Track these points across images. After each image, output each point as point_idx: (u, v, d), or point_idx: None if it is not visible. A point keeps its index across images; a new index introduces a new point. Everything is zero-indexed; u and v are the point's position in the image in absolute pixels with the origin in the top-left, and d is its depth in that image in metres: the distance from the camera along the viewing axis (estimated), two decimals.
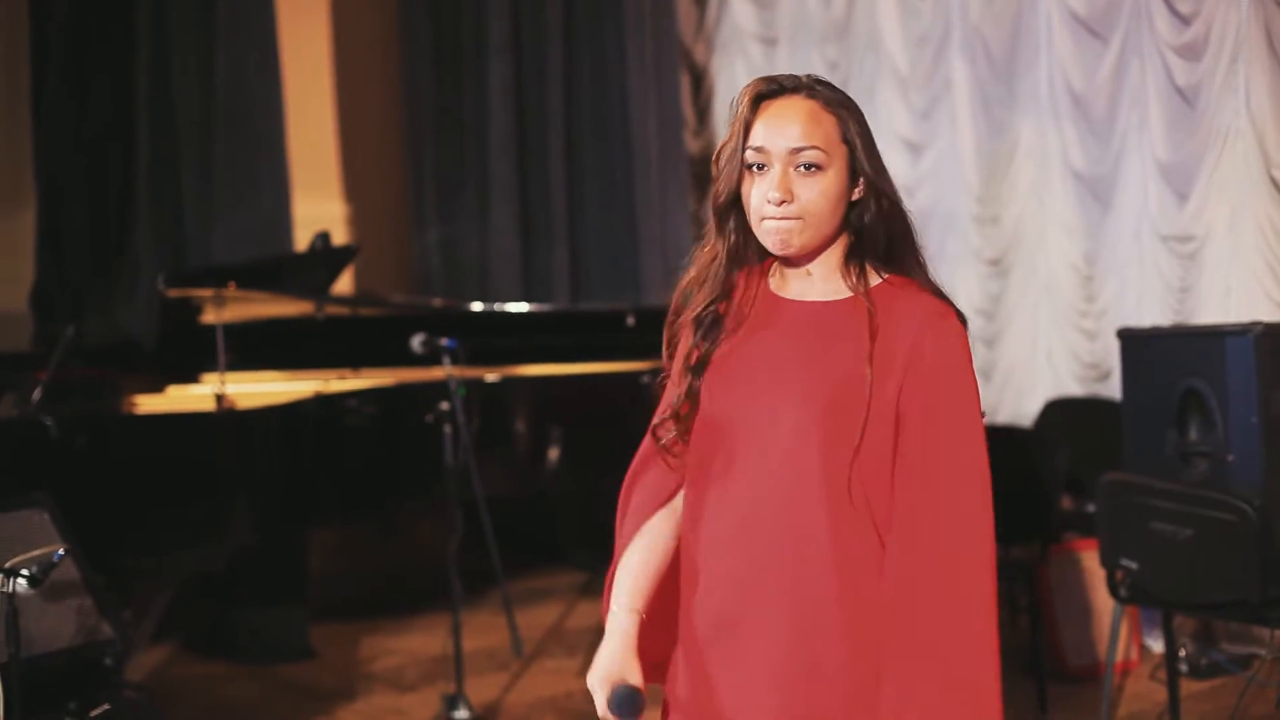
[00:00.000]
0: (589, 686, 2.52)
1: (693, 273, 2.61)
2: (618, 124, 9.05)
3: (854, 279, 2.48)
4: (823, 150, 2.42)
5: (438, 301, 8.40)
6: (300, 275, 7.14)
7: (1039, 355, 7.16)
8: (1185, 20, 6.15)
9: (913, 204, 7.70)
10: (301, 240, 8.35)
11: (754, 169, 2.46)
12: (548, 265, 9.28)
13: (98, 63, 8.67)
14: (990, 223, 7.37)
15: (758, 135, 2.45)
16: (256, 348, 6.94)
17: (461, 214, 9.41)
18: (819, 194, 2.42)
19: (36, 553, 3.94)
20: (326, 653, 6.68)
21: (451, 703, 5.67)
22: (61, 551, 3.95)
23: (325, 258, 7.19)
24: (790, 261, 2.54)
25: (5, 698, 3.78)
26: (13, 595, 3.77)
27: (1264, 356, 4.42)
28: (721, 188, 2.52)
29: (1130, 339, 5.05)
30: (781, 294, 2.56)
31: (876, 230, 2.49)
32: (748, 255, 2.59)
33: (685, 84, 9.16)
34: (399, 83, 9.73)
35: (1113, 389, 6.58)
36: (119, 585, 5.26)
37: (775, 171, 2.43)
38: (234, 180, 8.43)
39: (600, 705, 2.49)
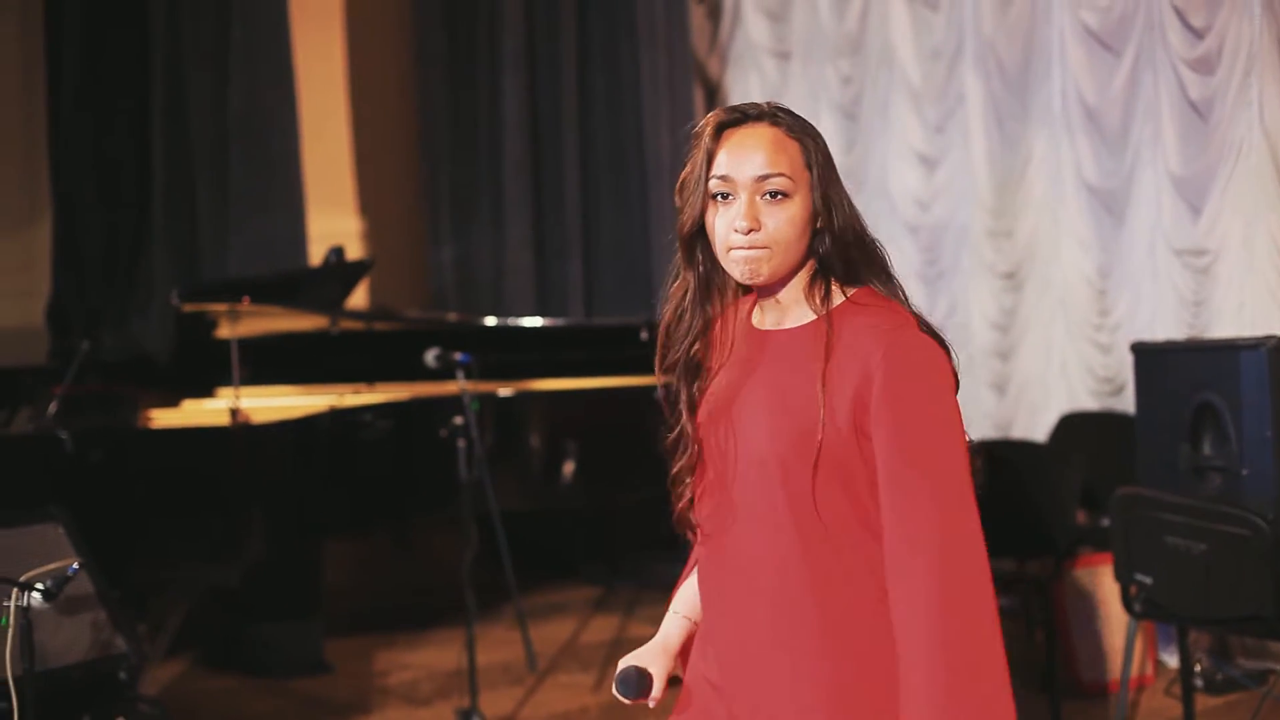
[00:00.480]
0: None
1: (669, 309, 2.62)
2: (632, 139, 9.06)
3: (818, 301, 2.47)
4: (788, 177, 2.43)
5: (452, 316, 8.42)
6: (315, 290, 7.15)
7: (1053, 369, 7.15)
8: (1198, 34, 6.15)
9: (926, 218, 7.78)
10: (316, 255, 8.37)
11: (718, 198, 2.47)
12: (562, 280, 9.29)
13: (113, 78, 8.70)
14: (1004, 236, 7.37)
15: (721, 164, 2.46)
16: (271, 362, 6.96)
17: (476, 229, 9.43)
18: (786, 221, 2.43)
19: (51, 566, 3.95)
20: (342, 667, 6.69)
21: (466, 717, 5.67)
22: (76, 565, 3.97)
23: (339, 272, 7.21)
24: (762, 291, 2.54)
25: (20, 712, 3.79)
26: (27, 609, 3.78)
27: (1278, 370, 4.43)
28: (686, 218, 2.52)
29: (1144, 353, 5.05)
30: (760, 326, 2.57)
31: (839, 250, 2.48)
32: (719, 283, 2.60)
33: (699, 98, 9.17)
34: (413, 98, 9.75)
35: (1127, 403, 6.57)
36: (134, 599, 5.29)
37: (741, 200, 2.43)
38: (249, 195, 8.45)
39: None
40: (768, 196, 2.43)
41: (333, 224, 8.85)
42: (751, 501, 2.48)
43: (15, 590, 3.78)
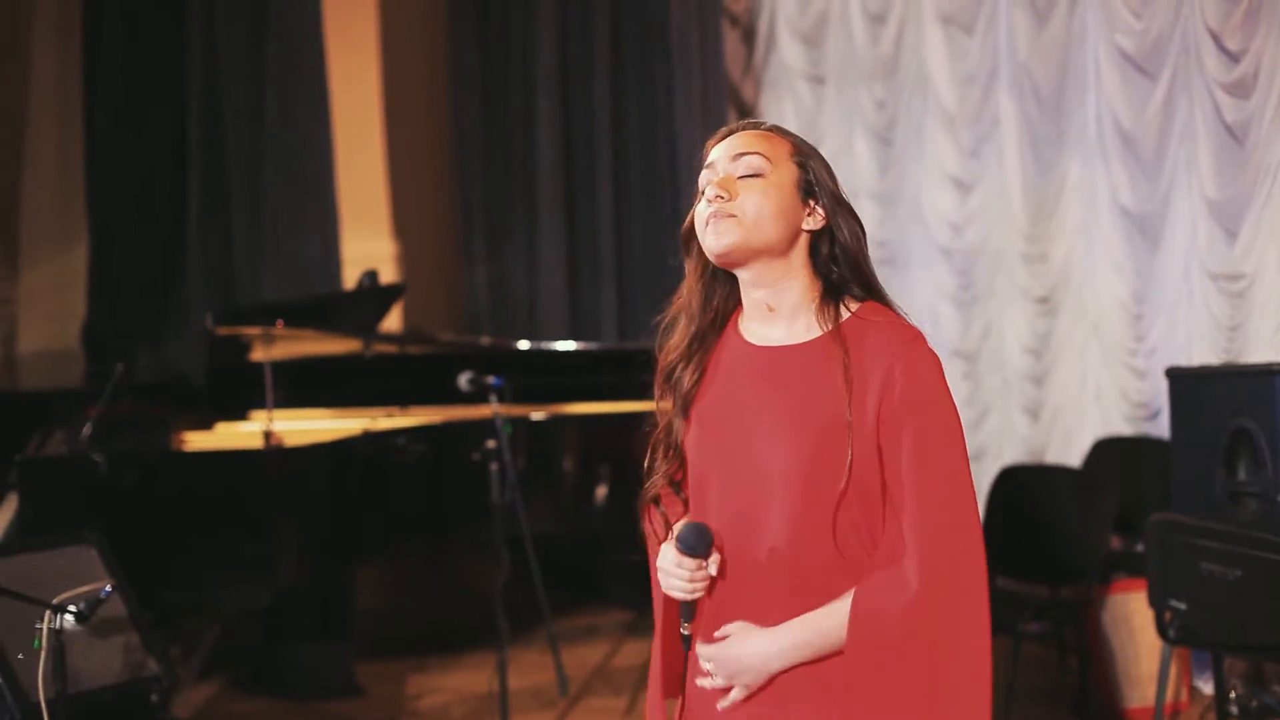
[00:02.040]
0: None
1: (672, 309, 2.72)
2: (665, 162, 9.06)
3: (826, 316, 2.51)
4: (764, 157, 2.51)
5: (485, 340, 8.43)
6: (348, 313, 7.18)
7: (1087, 394, 7.12)
8: (1234, 57, 6.12)
9: (961, 242, 7.77)
10: (350, 278, 8.40)
11: (705, 191, 2.55)
12: (595, 303, 9.30)
13: (150, 101, 8.78)
14: (1038, 260, 7.34)
15: (710, 157, 2.57)
16: (304, 385, 6.98)
17: (509, 252, 9.45)
18: (756, 194, 2.49)
19: (84, 589, 3.97)
20: (373, 690, 6.69)
21: None
22: (109, 588, 3.99)
23: (373, 296, 7.22)
24: (746, 295, 2.59)
25: None
26: (60, 631, 3.80)
27: None
28: (687, 218, 2.62)
29: (1179, 378, 5.03)
30: (750, 340, 2.59)
31: (853, 258, 2.54)
32: (719, 288, 2.67)
33: (733, 122, 9.16)
34: (447, 121, 9.78)
35: (1162, 428, 6.53)
36: (166, 622, 5.30)
37: (718, 175, 2.53)
38: (284, 218, 8.49)
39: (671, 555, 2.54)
40: (743, 175, 2.51)
41: (367, 246, 8.88)
42: (767, 514, 2.48)
43: (48, 613, 3.80)
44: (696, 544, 2.50)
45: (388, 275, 8.65)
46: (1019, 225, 7.41)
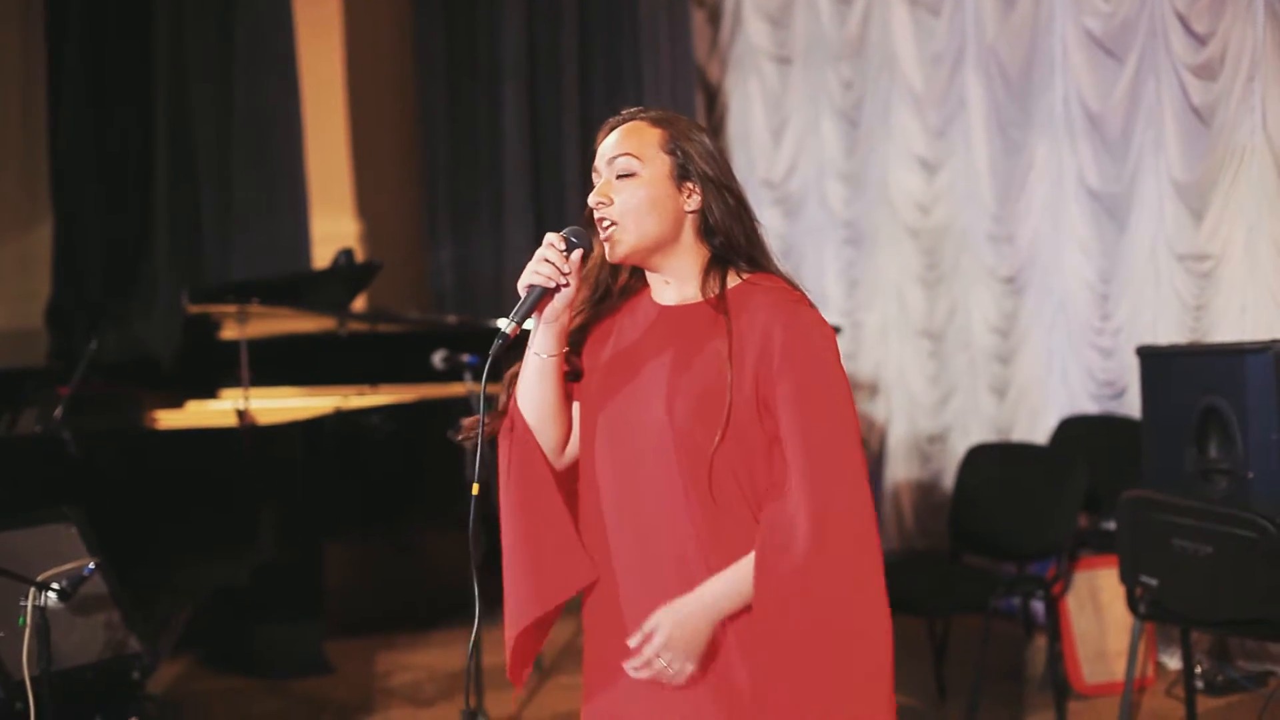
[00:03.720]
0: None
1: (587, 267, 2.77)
2: None
3: (712, 289, 2.64)
4: (634, 156, 2.64)
5: (452, 319, 8.42)
6: (320, 291, 7.15)
7: (1054, 373, 7.17)
8: (1201, 40, 6.17)
9: (927, 222, 7.81)
10: (318, 258, 8.38)
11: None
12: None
13: (116, 79, 8.71)
14: (1005, 241, 7.39)
15: (595, 161, 2.71)
16: (272, 363, 6.96)
17: (475, 233, 9.43)
18: (629, 195, 2.63)
19: (67, 566, 3.96)
20: (344, 668, 6.70)
21: (471, 718, 5.68)
22: (92, 565, 3.98)
23: (348, 275, 7.21)
24: (647, 270, 2.73)
25: (36, 712, 3.80)
26: (44, 609, 3.80)
27: None
28: (586, 210, 2.72)
29: (1150, 357, 5.06)
30: (660, 301, 2.73)
31: (730, 232, 2.66)
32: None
33: (700, 102, 9.18)
34: (413, 102, 9.75)
35: (1127, 407, 6.60)
36: (140, 600, 5.29)
37: (600, 182, 2.67)
38: (252, 197, 8.46)
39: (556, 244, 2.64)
40: (619, 177, 2.65)
41: (331, 226, 8.85)
42: (648, 466, 2.61)
43: (32, 590, 3.79)
44: (582, 239, 2.66)
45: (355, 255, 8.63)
46: (986, 206, 7.45)
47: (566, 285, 2.61)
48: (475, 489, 2.62)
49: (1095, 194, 6.83)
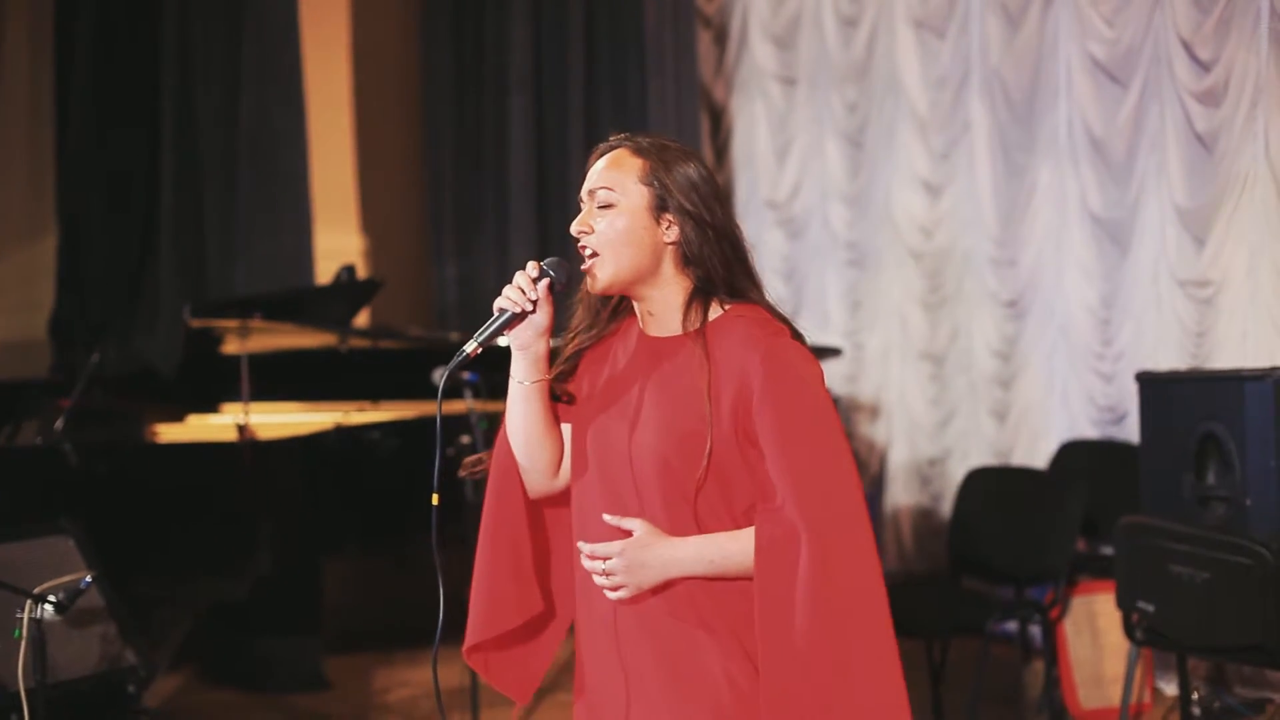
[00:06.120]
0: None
1: (578, 296, 2.82)
2: None
3: (692, 322, 2.65)
4: (611, 189, 2.67)
5: (455, 336, 8.42)
6: (322, 307, 7.16)
7: (1054, 397, 7.17)
8: (1205, 66, 6.18)
9: (930, 245, 7.81)
10: (321, 273, 8.39)
11: None
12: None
13: (123, 93, 8.72)
14: (1007, 265, 7.39)
15: (581, 191, 2.74)
16: (273, 379, 6.96)
17: (479, 249, 9.44)
18: (607, 226, 2.66)
19: (64, 579, 3.97)
20: (341, 683, 6.69)
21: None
22: (89, 578, 3.99)
23: (350, 291, 7.22)
24: (634, 301, 2.74)
25: None
26: (40, 621, 3.80)
27: None
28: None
29: (1149, 383, 5.07)
30: (648, 332, 2.74)
31: (708, 263, 2.66)
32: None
33: (704, 123, 9.19)
34: (419, 117, 9.77)
35: (1127, 432, 6.59)
36: (138, 613, 5.29)
37: (583, 212, 2.70)
38: (257, 212, 8.47)
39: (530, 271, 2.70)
40: (599, 207, 2.68)
41: (335, 241, 8.86)
42: (632, 494, 2.64)
43: (29, 602, 3.80)
44: (557, 270, 2.70)
45: (357, 271, 8.63)
46: (988, 229, 7.46)
47: (533, 312, 2.67)
48: (435, 499, 2.73)
49: (1098, 219, 6.83)
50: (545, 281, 2.68)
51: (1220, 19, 6.07)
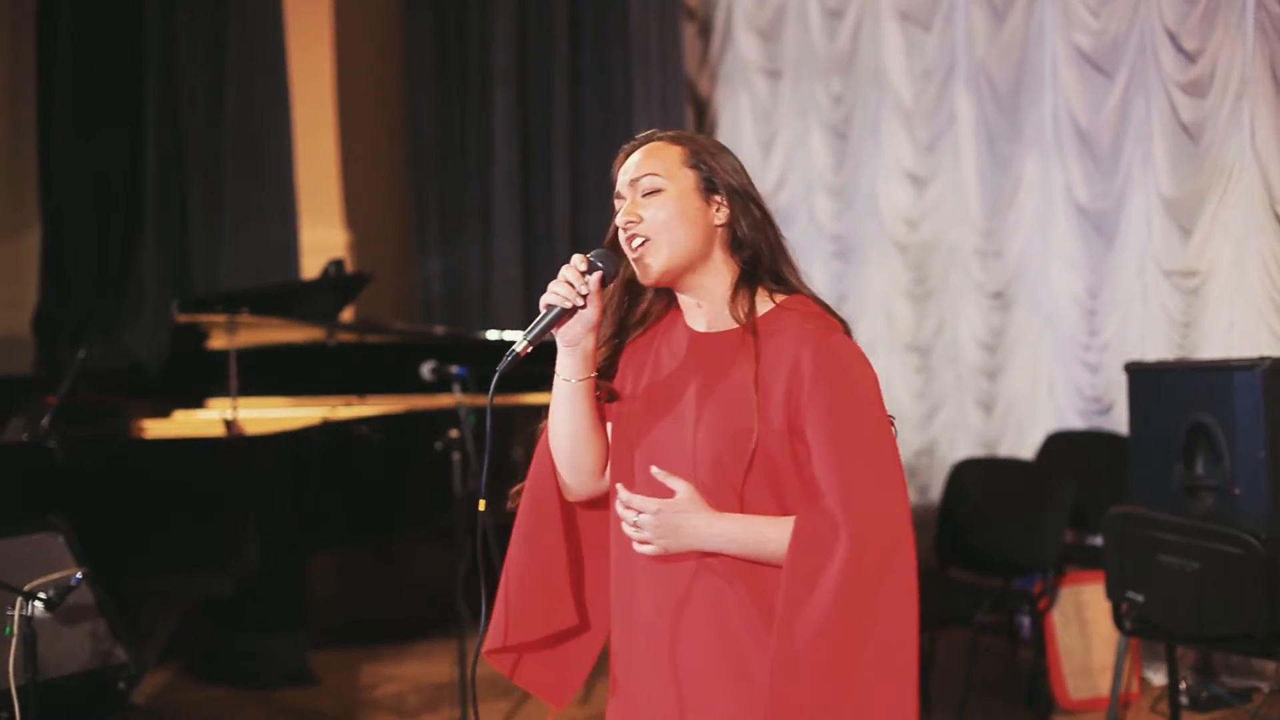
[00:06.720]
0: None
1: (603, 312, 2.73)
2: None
3: (741, 311, 2.61)
4: (658, 175, 2.62)
5: (440, 329, 8.41)
6: (310, 302, 7.14)
7: (1040, 388, 7.19)
8: (1191, 57, 6.19)
9: (915, 237, 7.81)
10: (307, 267, 8.36)
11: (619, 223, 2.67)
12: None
13: (106, 88, 8.69)
14: (993, 256, 7.40)
15: (617, 183, 2.69)
16: (259, 374, 6.95)
17: (464, 243, 9.43)
18: (658, 208, 2.60)
19: (54, 576, 3.96)
20: (327, 679, 6.69)
21: None
22: (79, 575, 3.98)
23: (338, 285, 7.20)
24: (679, 294, 2.70)
25: None
26: (30, 618, 3.79)
27: (1271, 391, 4.45)
28: (609, 234, 2.72)
29: (1138, 373, 5.07)
30: (694, 328, 2.70)
31: (757, 244, 2.64)
32: (641, 292, 2.79)
33: (689, 116, 9.18)
34: (403, 112, 9.75)
35: (1114, 422, 6.61)
36: (126, 610, 5.28)
37: (626, 204, 2.64)
38: (241, 207, 8.45)
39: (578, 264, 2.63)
40: (644, 196, 2.62)
41: (320, 236, 8.84)
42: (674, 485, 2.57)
43: (19, 599, 3.79)
44: (606, 262, 2.63)
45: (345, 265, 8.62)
46: (974, 221, 7.47)
47: (584, 307, 2.59)
48: (482, 505, 2.66)
49: (1084, 210, 6.84)
50: (597, 275, 2.61)
51: (1206, 10, 6.09)
